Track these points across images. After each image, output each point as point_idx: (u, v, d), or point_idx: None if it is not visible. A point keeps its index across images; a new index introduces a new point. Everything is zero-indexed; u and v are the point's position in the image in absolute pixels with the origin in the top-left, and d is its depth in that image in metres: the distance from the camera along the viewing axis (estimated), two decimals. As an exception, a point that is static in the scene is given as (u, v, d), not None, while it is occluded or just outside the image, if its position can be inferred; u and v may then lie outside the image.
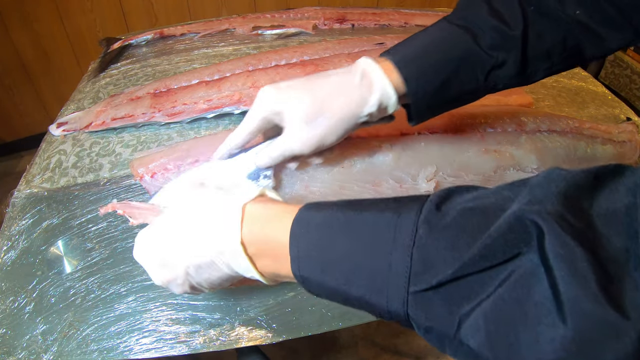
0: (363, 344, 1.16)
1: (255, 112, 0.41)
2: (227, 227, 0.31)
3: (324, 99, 0.39)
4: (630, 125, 0.71)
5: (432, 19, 1.04)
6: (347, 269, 0.27)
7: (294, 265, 0.29)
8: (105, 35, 1.54)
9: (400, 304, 0.25)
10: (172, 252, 0.34)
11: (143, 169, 0.52)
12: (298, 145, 0.40)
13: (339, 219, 0.28)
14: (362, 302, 0.27)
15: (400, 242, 0.25)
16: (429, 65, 0.39)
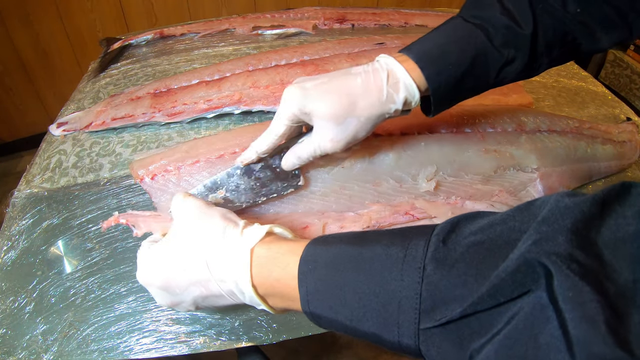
0: (363, 343, 1.16)
1: (283, 114, 0.41)
2: (238, 272, 0.32)
3: (352, 98, 0.39)
4: (630, 125, 0.71)
5: (432, 19, 1.04)
6: (356, 307, 0.27)
7: (304, 303, 0.30)
8: (105, 35, 1.54)
9: (411, 339, 0.25)
10: (180, 282, 0.35)
11: (143, 170, 0.52)
12: (329, 145, 0.41)
13: (346, 256, 0.29)
14: (374, 337, 0.27)
15: (409, 281, 0.25)
16: (448, 63, 0.40)
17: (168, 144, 0.64)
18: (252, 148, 0.44)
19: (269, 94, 0.68)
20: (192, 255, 0.35)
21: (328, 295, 0.29)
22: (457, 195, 0.54)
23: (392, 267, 0.26)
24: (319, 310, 0.29)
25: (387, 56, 0.42)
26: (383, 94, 0.39)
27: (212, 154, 0.53)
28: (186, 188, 0.51)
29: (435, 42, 0.41)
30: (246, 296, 0.33)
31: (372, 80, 0.40)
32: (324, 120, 0.40)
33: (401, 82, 0.40)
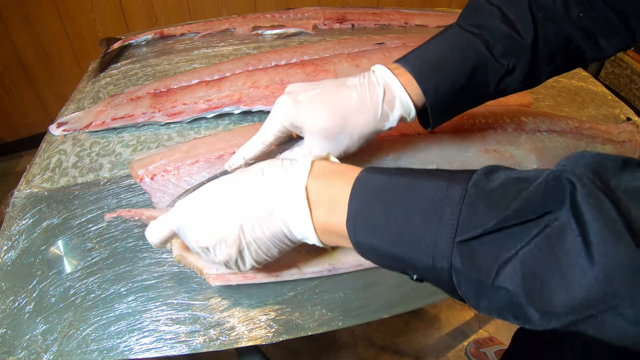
0: (363, 344, 1.16)
1: (273, 124, 0.41)
2: (295, 176, 0.32)
3: (345, 115, 0.38)
4: (630, 125, 0.71)
5: (432, 19, 1.04)
6: (400, 224, 0.28)
7: (350, 219, 0.31)
8: (105, 35, 1.54)
9: (446, 255, 0.26)
10: (228, 207, 0.34)
11: (143, 170, 0.52)
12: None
13: (397, 183, 0.30)
14: (409, 257, 0.28)
15: (451, 200, 0.27)
16: (446, 75, 0.39)
17: (168, 144, 0.64)
18: (240, 153, 0.43)
19: (269, 94, 0.68)
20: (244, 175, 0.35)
21: (374, 213, 0.30)
22: (457, 195, 0.53)
23: (437, 192, 0.28)
24: (361, 230, 0.30)
25: (384, 68, 0.40)
26: (378, 112, 0.39)
27: (211, 154, 0.53)
28: (185, 189, 0.51)
29: (433, 53, 0.40)
30: (295, 210, 0.32)
31: (368, 96, 0.39)
32: (315, 134, 0.39)
33: (397, 99, 0.39)
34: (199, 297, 0.46)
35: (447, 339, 1.18)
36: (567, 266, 0.22)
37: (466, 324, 1.22)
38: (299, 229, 0.33)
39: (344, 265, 0.48)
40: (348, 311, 0.46)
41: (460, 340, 1.18)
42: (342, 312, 0.45)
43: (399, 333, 1.19)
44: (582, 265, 0.21)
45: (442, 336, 1.19)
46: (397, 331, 1.19)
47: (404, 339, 1.18)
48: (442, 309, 1.25)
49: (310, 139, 0.40)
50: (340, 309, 0.46)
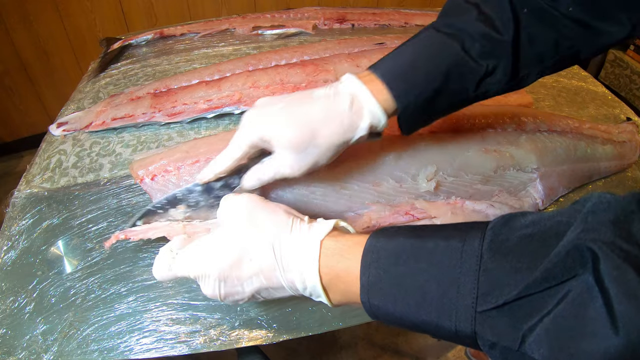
0: (363, 344, 1.16)
1: (241, 140, 0.40)
2: (306, 262, 0.33)
3: (313, 127, 0.38)
4: (630, 125, 0.71)
5: (432, 19, 1.03)
6: (416, 296, 0.28)
7: (364, 293, 0.31)
8: (105, 35, 1.54)
9: (468, 324, 0.26)
10: (243, 273, 0.35)
11: (143, 171, 0.52)
12: (289, 171, 0.40)
13: (407, 247, 0.30)
14: (430, 326, 0.28)
15: (467, 268, 0.27)
16: (418, 79, 0.38)
17: (168, 144, 0.64)
18: (210, 168, 0.43)
19: (268, 94, 0.68)
20: (260, 245, 0.34)
21: (388, 285, 0.30)
22: (457, 195, 0.54)
23: (452, 257, 0.28)
24: (378, 301, 0.30)
25: (352, 77, 0.39)
26: (344, 122, 0.38)
27: (212, 154, 0.53)
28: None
29: (405, 57, 0.39)
30: (308, 287, 0.33)
31: (333, 107, 0.38)
32: (283, 148, 0.39)
33: (365, 108, 0.38)
34: (199, 297, 0.46)
35: (447, 339, 1.19)
36: (591, 334, 0.22)
37: (466, 324, 1.22)
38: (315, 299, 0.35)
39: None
40: (348, 311, 0.46)
41: (460, 340, 1.18)
42: (342, 312, 0.45)
43: (399, 333, 1.19)
44: (607, 334, 0.21)
45: (442, 336, 1.19)
46: (397, 331, 1.19)
47: (404, 339, 1.18)
48: (442, 309, 1.25)
49: (280, 153, 0.39)
50: (340, 309, 0.46)
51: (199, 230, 0.47)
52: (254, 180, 0.42)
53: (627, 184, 0.65)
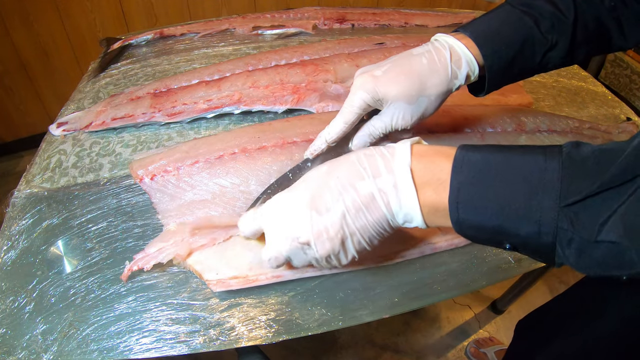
0: (363, 344, 1.16)
1: (354, 103, 0.43)
2: (398, 159, 0.34)
3: (422, 78, 0.42)
4: (630, 125, 0.71)
5: (432, 19, 1.04)
6: (502, 200, 0.30)
7: (452, 196, 0.32)
8: (105, 35, 1.54)
9: (551, 221, 0.29)
10: (328, 198, 0.35)
11: (142, 170, 0.52)
12: (401, 122, 0.44)
13: (495, 158, 0.32)
14: (509, 232, 0.31)
15: (551, 172, 0.29)
16: (501, 44, 0.43)
17: (168, 144, 0.64)
18: (321, 138, 0.46)
19: (268, 94, 0.68)
20: (344, 164, 0.35)
21: (477, 191, 0.31)
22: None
23: (537, 165, 0.30)
24: (465, 204, 0.32)
25: (446, 35, 0.44)
26: (449, 71, 0.42)
27: (212, 154, 0.53)
28: (185, 189, 0.51)
29: (488, 25, 0.44)
30: (399, 189, 0.33)
31: (437, 60, 0.43)
32: (397, 102, 0.42)
33: (463, 59, 0.43)
34: (199, 297, 0.46)
35: (447, 338, 1.18)
36: None
37: (466, 324, 1.22)
38: (405, 210, 0.34)
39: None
40: (348, 311, 0.46)
41: (460, 340, 1.18)
42: (342, 312, 0.45)
43: (399, 333, 1.19)
44: None
45: (442, 336, 1.19)
46: (397, 331, 1.19)
47: (404, 338, 1.18)
48: (442, 308, 1.25)
49: (393, 107, 0.43)
50: (340, 309, 0.46)
51: (206, 242, 0.48)
52: (365, 138, 0.45)
53: (627, 184, 0.65)
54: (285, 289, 0.47)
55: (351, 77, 0.70)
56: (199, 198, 0.51)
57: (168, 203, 0.51)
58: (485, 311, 1.25)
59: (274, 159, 0.52)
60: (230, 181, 0.51)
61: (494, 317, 1.23)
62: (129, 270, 0.46)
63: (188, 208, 0.50)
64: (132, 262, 0.46)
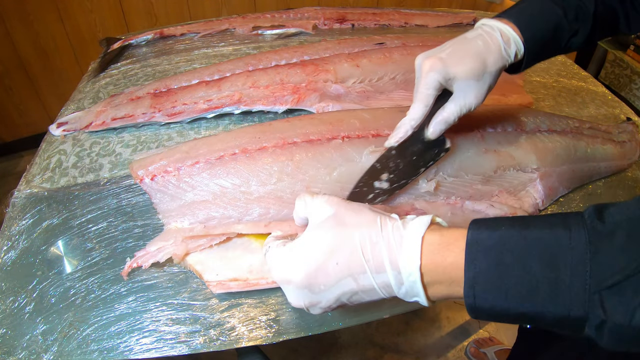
0: (363, 344, 1.16)
1: (430, 84, 0.46)
2: (407, 257, 0.32)
3: (483, 57, 0.46)
4: (630, 125, 0.71)
5: (432, 19, 1.04)
6: (527, 285, 0.29)
7: (468, 287, 0.30)
8: (105, 35, 1.54)
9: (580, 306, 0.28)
10: (329, 278, 0.34)
11: (142, 171, 0.52)
12: (474, 100, 0.47)
13: (512, 238, 0.30)
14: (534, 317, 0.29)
15: (577, 253, 0.28)
16: (537, 30, 0.48)
17: (168, 144, 0.64)
18: (405, 125, 0.48)
19: (268, 94, 0.68)
20: (347, 247, 0.34)
21: (496, 277, 0.30)
22: (457, 195, 0.54)
23: (561, 244, 0.28)
24: (483, 294, 0.30)
25: (492, 19, 0.49)
26: (502, 49, 0.47)
27: (212, 154, 0.53)
28: (186, 189, 0.51)
29: (527, 12, 0.49)
30: (405, 285, 0.33)
31: (491, 41, 0.47)
32: (466, 80, 0.46)
33: (512, 39, 0.48)
34: (199, 297, 0.46)
35: (447, 338, 1.18)
36: None
37: (466, 324, 1.22)
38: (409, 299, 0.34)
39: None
40: (348, 311, 0.46)
41: (460, 340, 1.18)
42: (342, 312, 0.45)
43: (399, 333, 1.19)
44: None
45: (442, 336, 1.19)
46: (397, 331, 1.19)
47: (404, 338, 1.18)
48: (442, 308, 1.25)
49: (463, 86, 0.46)
50: (340, 309, 0.46)
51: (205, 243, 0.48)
52: (441, 125, 0.47)
53: (627, 184, 0.65)
54: (285, 289, 0.47)
55: (351, 77, 0.70)
56: (200, 198, 0.51)
57: (168, 203, 0.51)
58: (485, 311, 1.25)
59: (274, 159, 0.52)
60: (230, 182, 0.51)
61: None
62: (129, 267, 0.46)
63: (189, 208, 0.50)
64: (133, 259, 0.47)
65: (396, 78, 0.72)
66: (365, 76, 0.71)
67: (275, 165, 0.51)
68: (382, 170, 0.48)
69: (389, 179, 0.48)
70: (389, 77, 0.72)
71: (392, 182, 0.48)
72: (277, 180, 0.51)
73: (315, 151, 0.52)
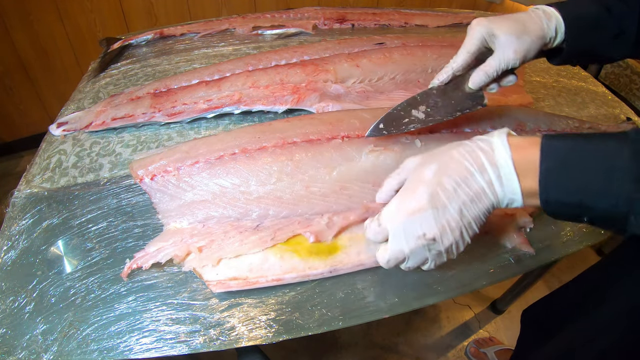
0: (363, 344, 1.16)
1: (476, 36, 0.51)
2: (499, 153, 0.39)
3: (525, 23, 0.50)
4: (630, 125, 0.71)
5: (432, 19, 1.04)
6: (583, 180, 0.35)
7: (542, 178, 0.37)
8: (105, 35, 1.54)
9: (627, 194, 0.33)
10: (445, 194, 0.39)
11: (142, 171, 0.52)
12: (513, 55, 0.50)
13: (576, 145, 0.37)
14: (589, 208, 0.36)
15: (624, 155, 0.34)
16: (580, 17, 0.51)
17: (168, 144, 0.64)
18: (448, 68, 0.53)
19: (268, 94, 0.68)
20: (450, 162, 0.40)
21: (561, 172, 0.36)
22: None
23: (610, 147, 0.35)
24: (552, 187, 0.37)
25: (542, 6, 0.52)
26: (543, 21, 0.50)
27: (212, 154, 0.53)
28: (185, 189, 0.51)
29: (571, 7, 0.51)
30: (505, 183, 0.39)
31: (534, 15, 0.51)
32: (508, 35, 0.49)
33: (553, 16, 0.51)
34: (199, 297, 0.46)
35: (447, 338, 1.18)
36: None
37: (466, 324, 1.22)
38: (509, 196, 0.39)
39: (344, 267, 0.48)
40: (348, 311, 0.46)
41: (460, 340, 1.18)
42: (342, 312, 0.45)
43: (399, 333, 1.19)
44: None
45: (442, 336, 1.19)
46: (397, 331, 1.19)
47: (404, 338, 1.18)
48: (442, 308, 1.25)
49: (503, 40, 0.50)
50: (340, 309, 0.46)
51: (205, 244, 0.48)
52: (482, 76, 0.51)
53: (627, 184, 0.65)
54: (285, 289, 0.47)
55: (351, 77, 0.70)
56: (199, 198, 0.51)
57: (168, 203, 0.51)
58: (485, 311, 1.25)
59: (274, 159, 0.52)
60: (230, 181, 0.51)
61: (494, 317, 1.23)
62: (129, 268, 0.46)
63: (188, 208, 0.50)
64: (132, 260, 0.47)
65: (396, 78, 0.72)
66: (365, 76, 0.71)
67: (274, 165, 0.51)
68: (421, 102, 0.53)
69: (425, 112, 0.52)
70: (389, 77, 0.72)
71: (428, 115, 0.52)
72: (277, 180, 0.51)
73: (315, 151, 0.52)
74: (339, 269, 0.48)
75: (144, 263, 0.46)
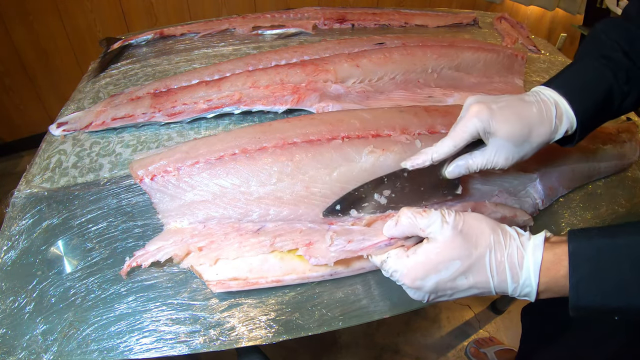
0: (363, 344, 1.16)
1: (466, 128, 0.44)
2: (528, 275, 0.37)
3: (531, 126, 0.45)
4: (630, 125, 0.71)
5: (432, 19, 1.04)
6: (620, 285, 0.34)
7: (573, 290, 0.36)
8: (105, 35, 1.54)
9: None
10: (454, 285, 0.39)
11: (142, 171, 0.52)
12: (502, 161, 0.45)
13: (606, 246, 0.35)
14: (630, 310, 0.35)
15: None
16: (590, 99, 0.47)
17: (168, 144, 0.64)
18: (427, 154, 0.46)
19: (268, 94, 0.68)
20: (476, 267, 0.38)
21: (595, 281, 0.35)
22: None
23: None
24: (585, 294, 0.35)
25: (547, 88, 0.47)
26: (553, 124, 0.45)
27: (212, 154, 0.53)
28: (185, 189, 0.51)
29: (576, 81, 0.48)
30: (519, 292, 0.38)
31: (545, 112, 0.45)
32: (504, 140, 0.44)
33: (565, 115, 0.46)
34: (199, 297, 0.46)
35: (447, 338, 1.18)
36: None
37: (466, 324, 1.22)
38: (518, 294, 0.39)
39: (345, 270, 0.48)
40: (348, 311, 0.46)
41: (460, 340, 1.18)
42: (342, 312, 0.45)
43: (399, 333, 1.19)
44: None
45: (442, 336, 1.19)
46: (397, 331, 1.19)
47: (404, 338, 1.18)
48: (442, 309, 1.25)
49: (499, 144, 0.45)
50: (340, 309, 0.46)
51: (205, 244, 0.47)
52: (461, 169, 0.46)
53: (627, 184, 0.65)
54: (285, 290, 0.47)
55: (351, 77, 0.70)
56: (199, 198, 0.51)
57: (168, 203, 0.51)
58: (485, 311, 1.25)
59: (274, 159, 0.52)
60: (230, 182, 0.51)
61: (494, 317, 1.23)
62: (129, 266, 0.46)
63: (188, 208, 0.50)
64: (132, 258, 0.47)
65: (396, 78, 0.72)
66: (365, 76, 0.71)
67: (275, 166, 0.51)
68: (387, 186, 0.48)
69: (389, 197, 0.48)
70: (389, 77, 0.72)
71: (390, 201, 0.48)
72: (277, 181, 0.51)
73: (315, 151, 0.52)
74: (340, 272, 0.48)
75: (143, 261, 0.46)
